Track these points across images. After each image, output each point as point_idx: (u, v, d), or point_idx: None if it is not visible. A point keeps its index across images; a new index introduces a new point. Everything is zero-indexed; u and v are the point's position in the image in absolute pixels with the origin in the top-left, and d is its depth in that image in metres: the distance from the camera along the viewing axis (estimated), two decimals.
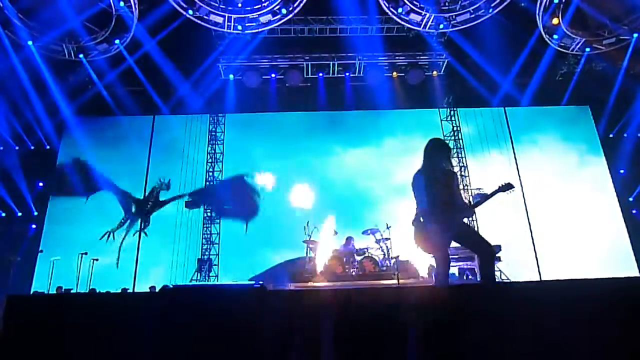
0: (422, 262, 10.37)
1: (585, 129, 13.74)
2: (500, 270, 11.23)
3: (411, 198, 4.60)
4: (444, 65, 13.12)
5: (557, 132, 13.64)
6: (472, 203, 4.37)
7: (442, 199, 4.30)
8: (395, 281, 9.04)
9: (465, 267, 10.40)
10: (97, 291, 9.82)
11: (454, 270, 10.18)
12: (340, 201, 12.55)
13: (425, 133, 13.60)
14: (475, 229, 4.45)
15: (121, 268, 11.96)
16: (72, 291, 9.58)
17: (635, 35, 11.45)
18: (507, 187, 4.34)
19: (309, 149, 13.35)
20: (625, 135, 13.24)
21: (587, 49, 12.05)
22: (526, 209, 12.60)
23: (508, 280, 10.42)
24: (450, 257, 4.73)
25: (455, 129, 13.54)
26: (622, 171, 13.02)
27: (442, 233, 4.21)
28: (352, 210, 12.35)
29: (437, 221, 4.22)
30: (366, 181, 13.01)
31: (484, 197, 4.39)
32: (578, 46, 12.06)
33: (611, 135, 13.47)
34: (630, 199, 12.79)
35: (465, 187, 12.58)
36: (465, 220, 4.37)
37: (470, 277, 10.23)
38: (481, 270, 4.27)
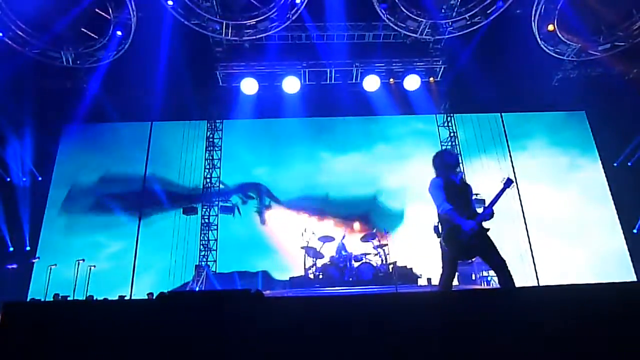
0: (420, 268, 10.39)
1: (581, 134, 13.82)
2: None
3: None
4: (441, 72, 13.18)
5: (553, 138, 13.72)
6: (485, 206, 4.30)
7: (461, 203, 4.31)
8: (393, 287, 9.04)
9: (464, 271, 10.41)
10: (94, 298, 9.80)
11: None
12: (336, 206, 12.60)
13: (417, 139, 13.74)
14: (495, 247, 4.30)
15: (118, 275, 11.92)
16: (69, 298, 9.56)
17: (630, 40, 11.53)
18: (509, 182, 4.37)
19: (305, 154, 13.41)
20: (621, 140, 13.28)
21: (582, 55, 12.12)
22: (523, 214, 12.64)
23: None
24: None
25: (452, 134, 13.62)
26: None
27: (467, 241, 4.17)
28: (348, 215, 12.39)
29: (459, 228, 4.17)
30: (362, 186, 13.04)
31: (495, 198, 4.32)
32: (573, 52, 12.13)
33: (607, 141, 13.51)
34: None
35: None
36: (487, 223, 4.30)
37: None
38: (500, 283, 4.24)
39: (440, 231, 4.38)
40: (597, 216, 12.80)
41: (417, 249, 11.06)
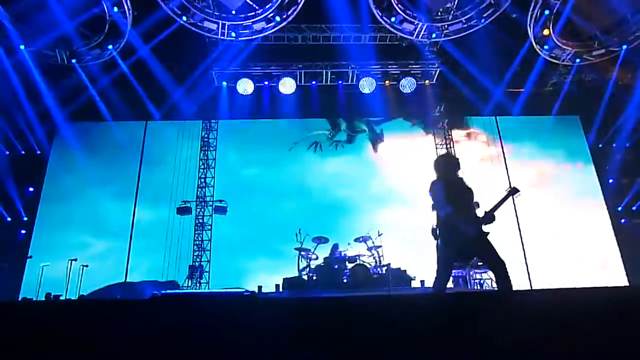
0: (414, 270, 10.41)
1: (575, 138, 13.90)
2: (491, 279, 11.29)
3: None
4: (436, 74, 13.20)
5: (547, 142, 13.77)
6: (487, 211, 4.32)
7: (462, 206, 4.30)
8: (386, 289, 9.04)
9: (458, 274, 10.45)
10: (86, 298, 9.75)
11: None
12: (330, 208, 12.60)
13: (412, 141, 13.80)
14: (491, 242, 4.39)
15: (111, 275, 11.86)
16: (61, 298, 9.50)
17: (625, 46, 11.62)
18: (514, 191, 4.40)
19: (299, 155, 13.42)
20: (614, 145, 13.40)
21: (577, 60, 12.19)
22: (517, 218, 12.67)
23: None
24: None
25: (447, 137, 13.64)
26: (611, 181, 13.17)
27: (465, 243, 4.21)
28: (340, 218, 12.39)
29: (459, 230, 4.20)
30: (351, 189, 13.06)
31: (496, 205, 4.36)
32: (568, 57, 12.19)
33: (600, 145, 13.62)
34: (619, 209, 12.91)
35: None
36: (487, 228, 4.33)
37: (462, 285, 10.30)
38: (499, 285, 4.27)
39: (438, 234, 4.37)
40: (590, 220, 12.86)
41: (410, 251, 11.08)
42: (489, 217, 4.28)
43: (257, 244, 12.19)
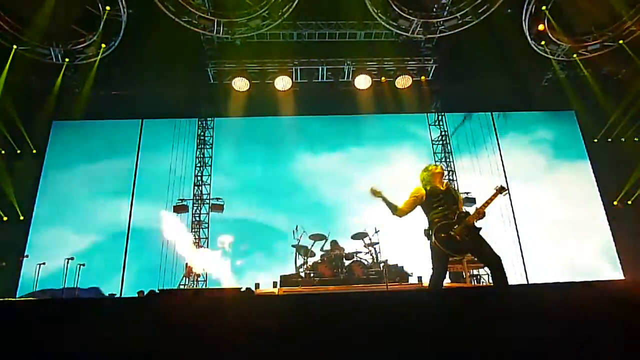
0: (411, 267, 10.42)
1: (571, 133, 13.93)
2: (488, 274, 11.33)
3: (395, 201, 4.82)
4: (432, 71, 13.20)
5: (542, 137, 13.81)
6: (477, 207, 4.51)
7: (448, 207, 4.54)
8: (383, 285, 9.05)
9: (454, 270, 10.46)
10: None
11: None
12: (327, 205, 12.60)
13: (408, 137, 13.79)
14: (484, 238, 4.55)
15: (108, 273, 11.83)
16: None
17: (620, 41, 11.65)
18: (502, 190, 4.52)
19: (295, 153, 13.40)
20: (609, 139, 13.43)
21: (573, 55, 12.22)
22: (513, 214, 12.71)
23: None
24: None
25: (443, 133, 13.66)
26: (606, 175, 13.22)
27: (458, 241, 4.35)
28: (338, 215, 12.40)
29: (451, 229, 4.41)
30: (349, 186, 13.05)
31: (485, 202, 4.50)
32: (563, 52, 12.23)
33: (595, 140, 13.65)
34: (615, 203, 12.96)
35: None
36: (479, 223, 4.51)
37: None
38: (494, 280, 4.37)
39: (430, 233, 4.46)
40: (587, 214, 12.91)
41: (408, 248, 11.09)
42: (479, 214, 4.42)
43: (254, 241, 12.19)
